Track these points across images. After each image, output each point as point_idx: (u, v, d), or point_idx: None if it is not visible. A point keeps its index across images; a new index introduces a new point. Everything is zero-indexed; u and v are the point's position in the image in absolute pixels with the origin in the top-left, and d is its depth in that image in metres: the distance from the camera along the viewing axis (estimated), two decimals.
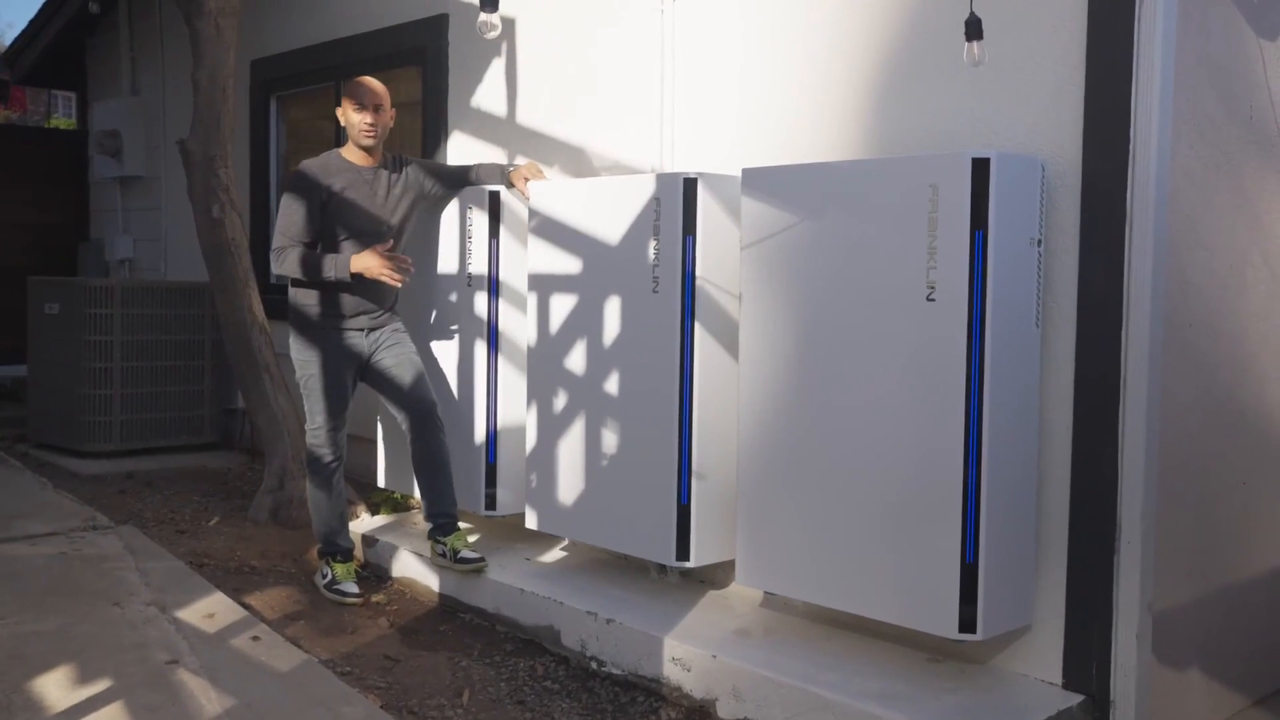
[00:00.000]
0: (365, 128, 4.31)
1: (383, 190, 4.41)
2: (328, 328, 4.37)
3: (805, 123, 3.92)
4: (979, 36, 3.01)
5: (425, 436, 4.42)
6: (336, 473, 4.48)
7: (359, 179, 4.37)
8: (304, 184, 4.33)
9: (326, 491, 4.47)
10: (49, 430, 6.91)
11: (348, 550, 4.54)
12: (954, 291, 3.12)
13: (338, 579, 4.44)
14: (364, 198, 4.37)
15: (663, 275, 3.81)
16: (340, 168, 4.37)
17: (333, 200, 4.31)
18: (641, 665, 3.67)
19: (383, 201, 4.40)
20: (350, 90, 4.36)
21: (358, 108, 4.32)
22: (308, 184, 4.32)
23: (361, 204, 4.36)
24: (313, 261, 4.27)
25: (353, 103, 4.32)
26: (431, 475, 4.43)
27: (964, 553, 3.13)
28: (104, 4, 8.38)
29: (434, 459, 4.42)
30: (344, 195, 4.32)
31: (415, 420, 4.42)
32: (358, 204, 4.35)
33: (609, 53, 4.64)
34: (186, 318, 6.97)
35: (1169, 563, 3.26)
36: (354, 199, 4.34)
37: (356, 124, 4.32)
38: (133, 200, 8.52)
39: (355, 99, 4.33)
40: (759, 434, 3.63)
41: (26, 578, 4.21)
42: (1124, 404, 3.14)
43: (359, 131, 4.32)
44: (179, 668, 3.48)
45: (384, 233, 4.38)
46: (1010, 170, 3.12)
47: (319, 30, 6.42)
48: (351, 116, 4.33)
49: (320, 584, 4.47)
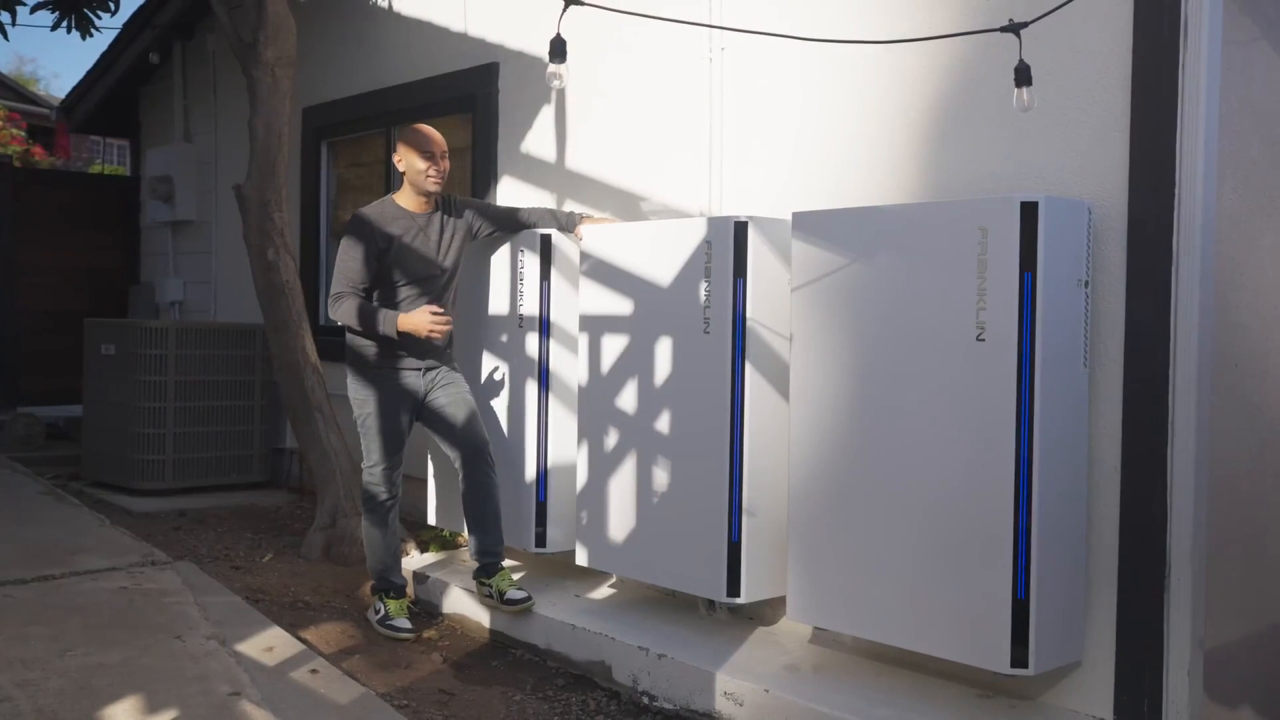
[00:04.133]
0: (434, 175, 4.41)
1: (435, 235, 4.50)
2: (384, 368, 4.46)
3: (853, 167, 4.01)
4: (1028, 83, 3.09)
5: (475, 474, 4.49)
6: (392, 511, 4.56)
7: (414, 225, 4.46)
8: (363, 231, 4.42)
9: (382, 530, 4.55)
10: (103, 469, 7.06)
11: (400, 587, 4.62)
12: (1004, 332, 3.19)
13: (391, 615, 4.51)
14: (420, 244, 4.46)
15: (714, 316, 3.90)
16: (396, 215, 4.46)
17: (391, 248, 4.40)
18: (693, 700, 3.72)
19: (436, 246, 4.50)
20: (413, 139, 4.44)
21: (424, 156, 4.40)
22: (367, 232, 4.41)
23: (418, 250, 4.45)
24: (367, 314, 4.36)
25: (418, 151, 4.41)
26: (480, 513, 4.50)
27: (1015, 588, 3.18)
28: (161, 54, 8.62)
29: (483, 497, 4.50)
30: (401, 242, 4.42)
31: (466, 457, 4.50)
32: (414, 250, 4.45)
33: (658, 99, 4.76)
34: (237, 358, 7.12)
35: (1219, 601, 3.29)
36: (411, 245, 4.44)
37: (423, 171, 4.41)
38: (184, 244, 8.72)
39: (421, 148, 4.41)
40: (811, 472, 3.69)
41: (90, 611, 4.31)
42: (1172, 443, 3.19)
43: (426, 179, 4.41)
44: (242, 699, 3.56)
45: (437, 276, 4.48)
46: (1058, 213, 3.20)
47: (370, 79, 6.60)
48: (417, 164, 4.41)
49: (373, 619, 4.55)
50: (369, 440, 4.50)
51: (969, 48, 3.61)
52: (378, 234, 4.41)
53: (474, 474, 4.50)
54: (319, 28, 6.90)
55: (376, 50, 6.61)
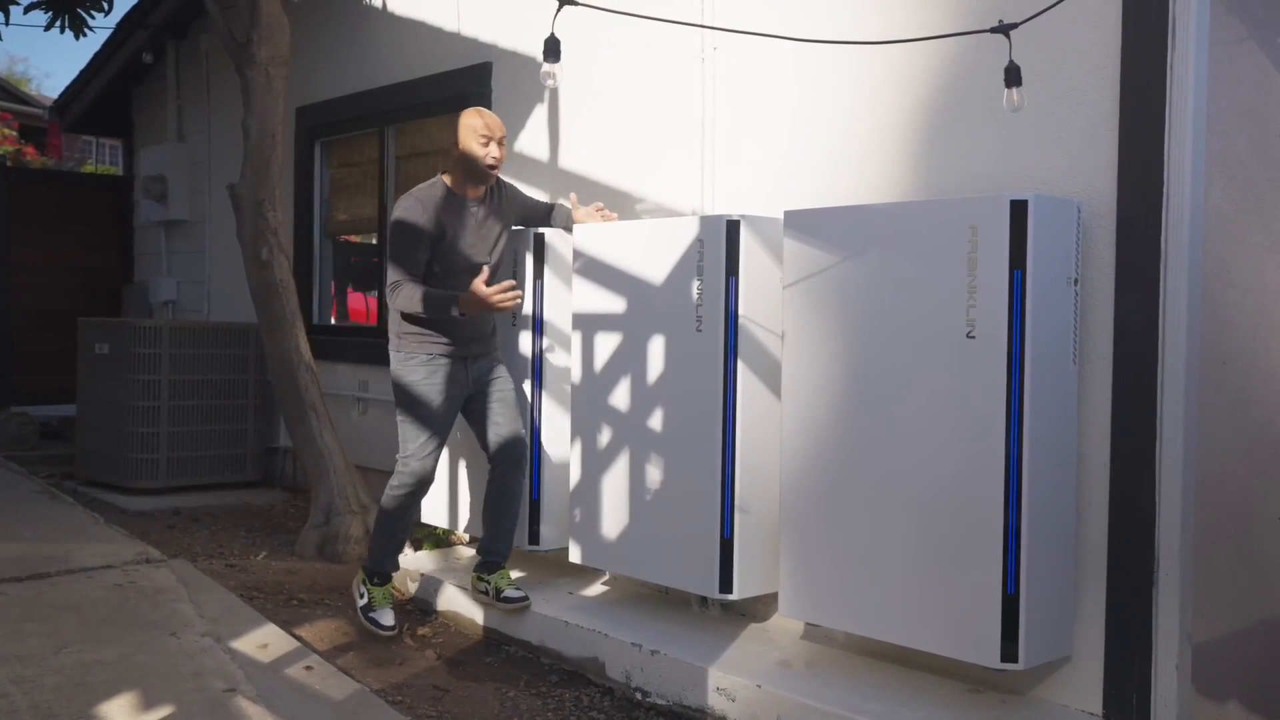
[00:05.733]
0: (493, 161, 4.29)
1: (485, 220, 4.38)
2: (437, 354, 4.33)
3: (845, 166, 4.04)
4: (1018, 83, 3.12)
5: (510, 481, 4.46)
6: (416, 501, 4.48)
7: (467, 211, 4.34)
8: (420, 218, 4.25)
9: (403, 516, 4.46)
10: (97, 467, 7.06)
11: (388, 575, 4.55)
12: (994, 329, 3.21)
13: (374, 605, 4.44)
14: (471, 231, 4.34)
15: (706, 314, 3.92)
16: (450, 202, 4.32)
17: (444, 236, 4.28)
18: (686, 695, 3.74)
19: (485, 233, 4.39)
20: (474, 122, 4.29)
21: (485, 140, 4.27)
22: (424, 219, 4.25)
23: (468, 237, 4.33)
24: (433, 297, 4.18)
25: (480, 136, 4.27)
26: (500, 515, 4.48)
27: (1005, 584, 3.21)
28: (155, 53, 8.63)
29: (509, 500, 4.48)
30: (455, 229, 4.30)
31: (508, 460, 4.45)
32: (465, 237, 4.32)
33: (650, 99, 4.78)
34: (231, 358, 7.13)
35: (1208, 596, 3.32)
36: (463, 233, 4.32)
37: (482, 157, 4.27)
38: (177, 243, 8.73)
39: (482, 132, 4.27)
40: (803, 469, 3.71)
41: (85, 609, 4.32)
42: (1161, 439, 3.22)
43: (484, 166, 4.28)
44: (237, 695, 3.57)
45: (482, 263, 4.29)
46: (1047, 211, 3.22)
47: (363, 78, 6.61)
48: (477, 149, 4.26)
49: (358, 604, 4.50)
50: (411, 427, 4.36)
51: (959, 48, 3.64)
52: (435, 221, 4.26)
53: (509, 480, 4.47)
54: (312, 27, 6.92)
55: (370, 50, 6.63)
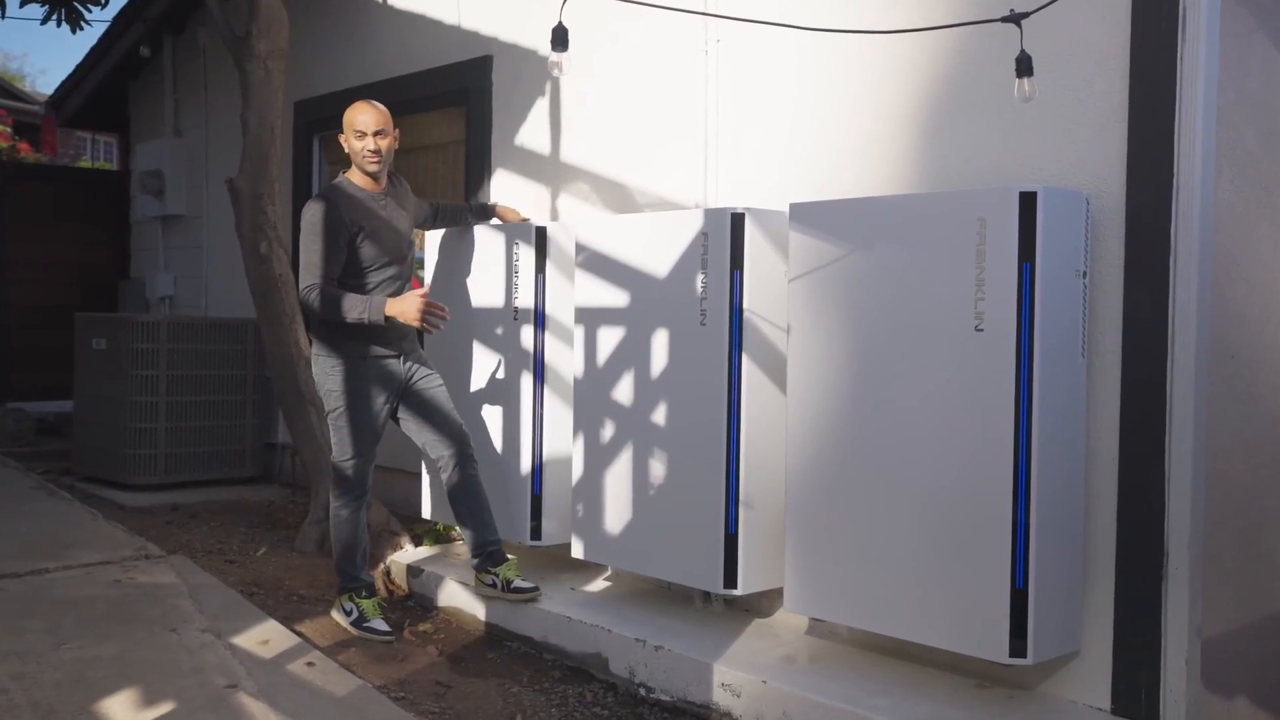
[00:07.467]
0: (369, 154, 4.25)
1: (395, 211, 4.38)
2: (363, 357, 4.29)
3: (850, 158, 4.01)
4: (1029, 73, 3.09)
5: (466, 468, 4.45)
6: (365, 507, 4.45)
7: (376, 206, 4.32)
8: (328, 219, 4.18)
9: (354, 526, 4.41)
10: (94, 463, 7.02)
11: (370, 584, 4.49)
12: (1002, 322, 3.19)
13: (367, 616, 4.37)
14: (384, 223, 4.32)
15: (710, 308, 3.89)
16: (358, 197, 4.29)
17: (359, 233, 4.23)
18: (690, 691, 3.72)
19: (397, 224, 4.37)
20: (351, 117, 4.28)
21: (360, 134, 4.25)
22: (333, 219, 4.19)
23: (383, 232, 4.30)
24: (347, 305, 4.13)
25: (355, 131, 4.26)
26: (475, 505, 4.47)
27: (1014, 578, 3.18)
28: (152, 48, 8.58)
29: (475, 489, 4.46)
30: (367, 226, 4.25)
31: (457, 452, 4.44)
32: (380, 233, 4.29)
33: (653, 91, 4.75)
34: (229, 353, 7.09)
35: (1217, 591, 3.30)
36: (376, 228, 4.29)
37: (359, 150, 4.26)
38: (174, 239, 8.68)
39: (357, 127, 4.25)
40: (808, 463, 3.69)
41: (84, 605, 4.29)
42: (1170, 433, 3.20)
43: (362, 158, 4.26)
44: (238, 692, 3.55)
45: (404, 252, 4.35)
46: (1056, 204, 3.20)
47: (363, 72, 6.58)
48: (354, 144, 4.27)
49: (346, 623, 4.39)
50: (345, 432, 4.33)
51: (966, 38, 3.62)
52: (345, 221, 4.21)
53: (465, 468, 4.46)
54: (311, 20, 6.88)
55: (369, 43, 6.59)
